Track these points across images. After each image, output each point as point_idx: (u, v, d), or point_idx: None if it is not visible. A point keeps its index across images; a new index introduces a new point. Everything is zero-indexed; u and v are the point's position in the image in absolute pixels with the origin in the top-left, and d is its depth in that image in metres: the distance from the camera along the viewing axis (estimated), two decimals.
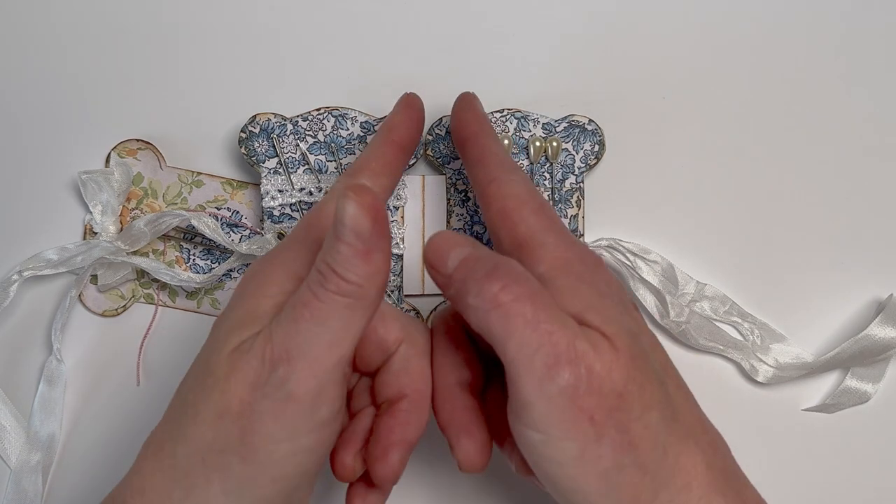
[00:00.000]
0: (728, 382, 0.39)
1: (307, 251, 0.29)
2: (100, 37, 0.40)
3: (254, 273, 0.29)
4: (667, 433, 0.26)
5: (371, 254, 0.25)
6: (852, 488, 0.39)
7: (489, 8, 0.40)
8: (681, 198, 0.40)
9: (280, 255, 0.29)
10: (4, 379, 0.39)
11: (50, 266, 0.38)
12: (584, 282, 0.28)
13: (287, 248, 0.30)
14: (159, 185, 0.39)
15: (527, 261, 0.28)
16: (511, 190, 0.30)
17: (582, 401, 0.25)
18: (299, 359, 0.26)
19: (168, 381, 0.39)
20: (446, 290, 0.28)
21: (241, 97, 0.40)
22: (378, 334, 0.29)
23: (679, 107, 0.40)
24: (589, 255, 0.29)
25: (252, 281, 0.29)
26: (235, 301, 0.29)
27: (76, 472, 0.39)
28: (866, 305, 0.39)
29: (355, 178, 0.32)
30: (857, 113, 0.40)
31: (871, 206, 0.40)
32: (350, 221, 0.24)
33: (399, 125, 0.34)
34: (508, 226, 0.30)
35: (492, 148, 0.33)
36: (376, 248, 0.25)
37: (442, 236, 0.28)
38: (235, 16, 0.40)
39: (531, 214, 0.30)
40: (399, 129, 0.34)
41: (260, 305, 0.28)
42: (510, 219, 0.30)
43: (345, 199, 0.24)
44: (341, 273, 0.25)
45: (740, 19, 0.40)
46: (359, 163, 0.33)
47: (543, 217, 0.30)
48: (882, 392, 0.39)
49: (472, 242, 0.28)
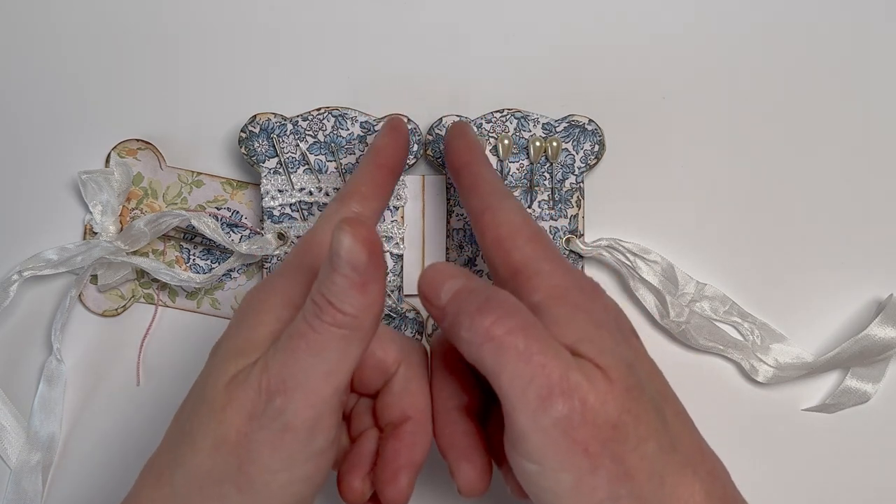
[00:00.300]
0: (728, 382, 0.39)
1: (303, 278, 0.29)
2: (100, 37, 0.40)
3: (250, 300, 0.29)
4: (664, 463, 0.26)
5: (367, 285, 0.25)
6: (852, 488, 0.39)
7: (489, 8, 0.40)
8: (680, 198, 0.40)
9: (275, 282, 0.30)
10: (4, 379, 0.39)
11: (50, 266, 0.38)
12: (580, 310, 0.28)
13: (282, 275, 0.30)
14: (159, 185, 0.39)
15: (522, 289, 0.28)
16: (505, 217, 0.31)
17: (576, 432, 0.25)
18: (296, 389, 0.26)
19: (168, 381, 0.39)
20: (440, 323, 0.28)
21: (241, 97, 0.40)
22: (376, 357, 0.29)
23: (679, 107, 0.40)
24: (586, 282, 0.29)
25: (248, 308, 0.29)
26: (232, 329, 0.29)
27: (76, 472, 0.39)
28: (866, 305, 0.39)
29: (346, 203, 0.32)
30: (857, 113, 0.40)
31: (871, 206, 0.40)
32: (346, 254, 0.25)
33: (386, 148, 0.34)
34: (503, 254, 0.30)
35: (485, 175, 0.33)
36: (372, 280, 0.25)
37: (435, 268, 0.28)
38: (235, 16, 0.40)
39: (526, 242, 0.30)
40: (386, 152, 0.34)
41: (256, 334, 0.28)
42: (505, 247, 0.30)
43: (341, 231, 0.25)
44: (337, 304, 0.25)
45: (740, 19, 0.40)
46: (349, 187, 0.33)
47: (538, 244, 0.30)
48: (882, 392, 0.39)
49: (465, 274, 0.28)
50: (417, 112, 0.39)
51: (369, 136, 0.38)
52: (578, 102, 0.40)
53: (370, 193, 0.33)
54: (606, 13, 0.40)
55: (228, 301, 0.39)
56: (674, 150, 0.40)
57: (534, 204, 0.39)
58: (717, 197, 0.40)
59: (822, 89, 0.40)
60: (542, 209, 0.39)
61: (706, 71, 0.40)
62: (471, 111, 0.39)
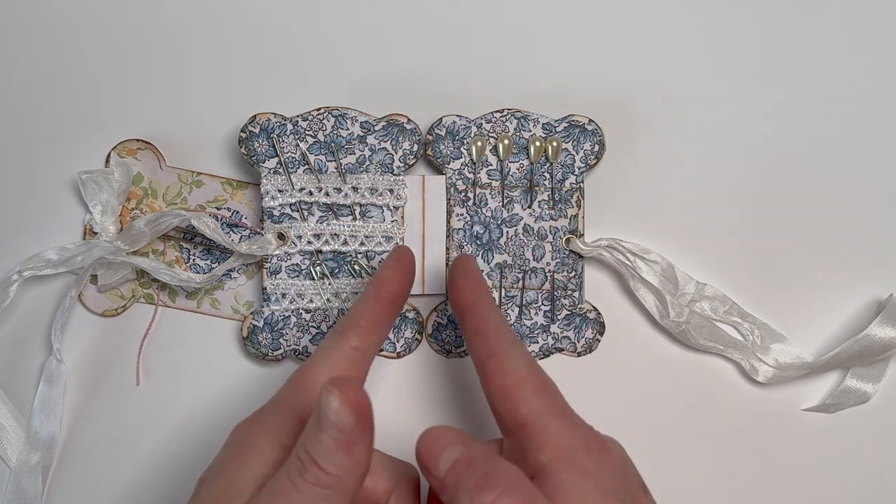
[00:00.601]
0: (728, 382, 0.39)
1: (293, 418, 0.29)
2: (100, 37, 0.40)
3: (240, 438, 0.29)
4: None
5: (353, 447, 0.25)
6: (852, 488, 0.39)
7: (489, 8, 0.40)
8: (681, 198, 0.40)
9: (266, 420, 0.29)
10: (4, 379, 0.39)
11: (50, 266, 0.38)
12: (587, 477, 0.27)
13: (274, 412, 0.30)
14: (159, 185, 0.39)
15: (528, 445, 0.28)
16: (511, 366, 0.30)
17: None
18: None
19: (168, 381, 0.39)
20: (439, 494, 0.27)
21: (241, 97, 0.40)
22: (367, 488, 0.29)
23: (679, 107, 0.40)
24: (593, 441, 0.29)
25: (237, 447, 0.29)
26: (218, 465, 0.29)
27: (76, 472, 0.39)
28: (866, 305, 0.39)
29: (346, 336, 0.32)
30: (857, 113, 0.40)
31: (871, 206, 0.40)
32: (333, 416, 0.25)
33: (391, 280, 0.33)
34: (509, 406, 0.29)
35: (491, 319, 0.32)
36: (359, 441, 0.25)
37: (432, 435, 0.28)
38: (235, 16, 0.40)
39: (532, 394, 0.29)
40: (391, 284, 0.33)
41: (242, 479, 0.28)
42: (511, 398, 0.29)
43: (329, 393, 0.25)
44: (322, 464, 0.25)
45: (740, 19, 0.40)
46: (349, 319, 0.32)
47: (546, 397, 0.29)
48: (882, 392, 0.39)
49: (462, 439, 0.28)
50: (417, 112, 0.39)
51: (369, 136, 0.38)
52: (578, 102, 0.40)
53: (370, 327, 0.32)
54: (606, 13, 0.40)
55: (228, 301, 0.39)
56: (674, 150, 0.40)
57: (534, 204, 0.39)
58: (716, 197, 0.40)
59: (822, 89, 0.40)
60: (542, 209, 0.39)
61: (706, 71, 0.40)
62: (471, 111, 0.39)
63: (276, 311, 0.38)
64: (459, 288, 0.34)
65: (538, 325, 0.39)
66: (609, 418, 0.39)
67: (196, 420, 0.39)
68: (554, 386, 0.30)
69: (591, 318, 0.39)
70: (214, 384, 0.39)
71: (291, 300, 0.38)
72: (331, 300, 0.38)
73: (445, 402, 0.39)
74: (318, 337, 0.38)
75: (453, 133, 0.39)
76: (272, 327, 0.38)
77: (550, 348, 0.39)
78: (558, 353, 0.39)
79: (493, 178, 0.39)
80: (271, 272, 0.38)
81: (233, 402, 0.39)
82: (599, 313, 0.39)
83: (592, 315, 0.39)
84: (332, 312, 0.38)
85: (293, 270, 0.38)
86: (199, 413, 0.39)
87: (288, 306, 0.38)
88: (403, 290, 0.34)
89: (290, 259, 0.38)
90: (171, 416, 0.39)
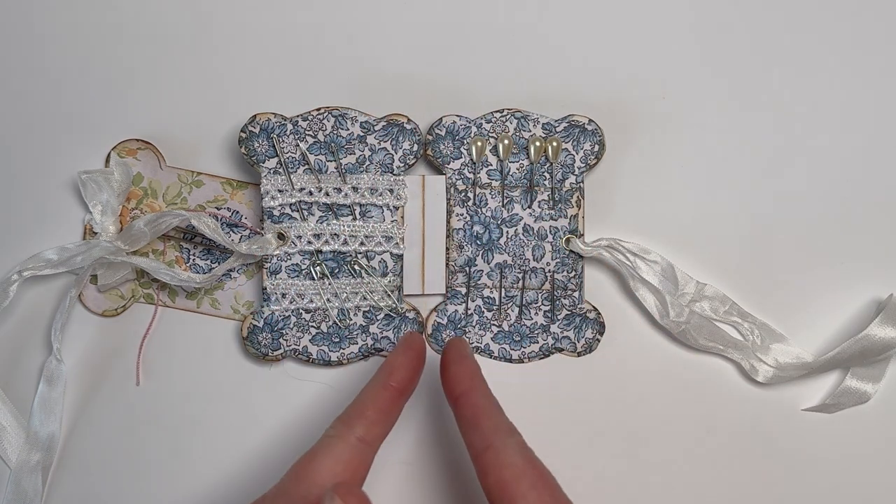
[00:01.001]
0: (728, 382, 0.39)
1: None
2: (100, 37, 0.40)
3: None
4: None
5: None
6: (852, 488, 0.39)
7: (489, 8, 0.40)
8: (681, 198, 0.40)
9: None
10: (4, 379, 0.39)
11: (50, 266, 0.38)
12: None
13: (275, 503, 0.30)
14: (159, 185, 0.39)
15: None
16: (508, 459, 0.30)
17: None
18: None
19: (168, 381, 0.39)
20: None
21: (241, 97, 0.40)
22: None
23: (679, 107, 0.40)
24: None
25: None
26: None
27: (76, 472, 0.39)
28: (866, 305, 0.39)
29: (351, 426, 0.31)
30: (857, 113, 0.40)
31: (871, 206, 0.40)
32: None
33: (399, 368, 0.33)
34: (506, 500, 0.29)
35: (486, 408, 0.32)
36: None
37: None
38: (235, 16, 0.40)
39: (530, 489, 0.29)
40: (399, 373, 0.33)
41: None
42: (508, 492, 0.29)
43: (332, 501, 0.25)
44: None
45: (740, 19, 0.40)
46: (356, 407, 0.32)
47: (543, 492, 0.29)
48: (882, 392, 0.39)
49: None
50: (417, 112, 0.39)
51: (369, 136, 0.38)
52: (578, 102, 0.40)
53: (375, 417, 0.32)
54: (606, 13, 0.40)
55: (228, 301, 0.39)
56: (674, 150, 0.40)
57: (534, 204, 0.39)
58: (716, 197, 0.40)
59: (823, 89, 0.40)
60: (542, 209, 0.39)
61: (706, 71, 0.40)
62: (471, 111, 0.39)
63: (276, 311, 0.38)
64: (453, 377, 0.33)
65: (538, 325, 0.39)
66: (609, 418, 0.39)
67: (196, 420, 0.39)
68: (552, 478, 0.30)
69: (591, 318, 0.39)
70: (214, 384, 0.39)
71: (291, 300, 0.38)
72: (331, 300, 0.38)
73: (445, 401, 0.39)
74: (318, 337, 0.38)
75: (453, 133, 0.39)
76: (272, 327, 0.38)
77: (550, 348, 0.39)
78: (558, 353, 0.39)
79: (493, 178, 0.39)
80: (271, 272, 0.38)
81: (233, 403, 0.39)
82: (599, 313, 0.39)
83: (592, 315, 0.39)
84: (332, 312, 0.38)
85: (293, 270, 0.38)
86: (199, 413, 0.39)
87: (288, 306, 0.38)
88: (412, 380, 0.33)
89: (290, 259, 0.38)
90: (171, 416, 0.39)
